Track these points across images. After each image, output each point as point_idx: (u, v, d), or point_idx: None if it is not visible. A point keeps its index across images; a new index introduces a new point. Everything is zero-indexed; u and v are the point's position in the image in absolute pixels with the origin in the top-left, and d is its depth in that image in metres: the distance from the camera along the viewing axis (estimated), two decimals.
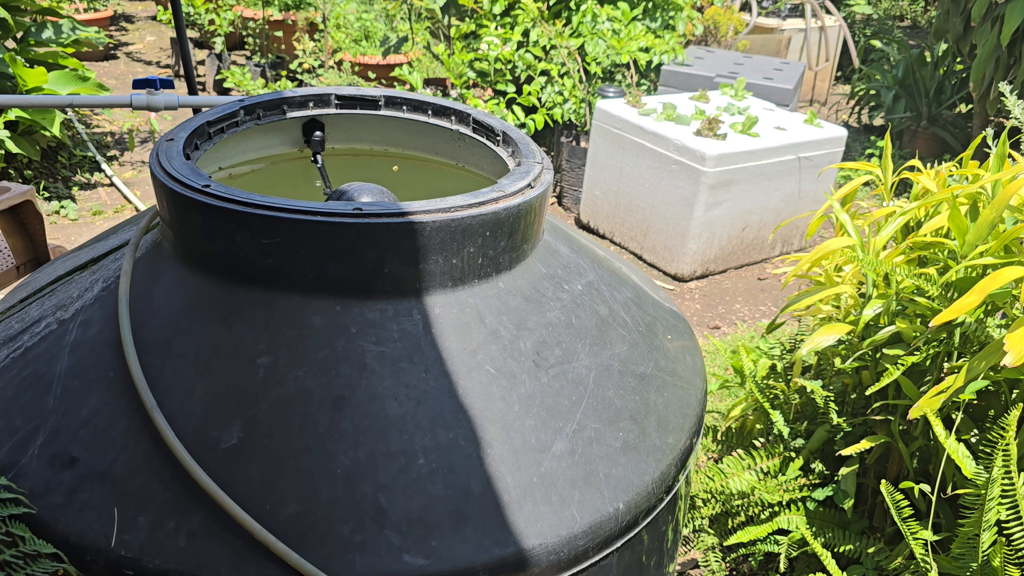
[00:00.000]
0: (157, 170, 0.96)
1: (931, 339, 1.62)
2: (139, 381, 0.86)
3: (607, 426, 0.95)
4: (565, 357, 0.98)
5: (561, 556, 0.85)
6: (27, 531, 0.80)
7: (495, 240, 0.96)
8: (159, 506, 0.80)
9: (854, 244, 1.78)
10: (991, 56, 4.73)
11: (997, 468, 1.37)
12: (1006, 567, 1.38)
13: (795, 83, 4.84)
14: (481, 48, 4.62)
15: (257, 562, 0.78)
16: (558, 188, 4.62)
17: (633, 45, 4.67)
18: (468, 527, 0.82)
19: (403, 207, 0.90)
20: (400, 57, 5.52)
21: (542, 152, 1.13)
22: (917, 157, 2.42)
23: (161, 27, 7.71)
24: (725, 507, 1.93)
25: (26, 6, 4.19)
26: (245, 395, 0.86)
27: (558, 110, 4.47)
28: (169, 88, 2.03)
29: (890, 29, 8.28)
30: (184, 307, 0.94)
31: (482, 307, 0.96)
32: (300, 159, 1.34)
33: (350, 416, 0.85)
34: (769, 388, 1.99)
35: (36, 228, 2.22)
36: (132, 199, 4.19)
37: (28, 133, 4.15)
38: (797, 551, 1.78)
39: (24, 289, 1.14)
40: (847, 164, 2.16)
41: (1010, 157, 1.84)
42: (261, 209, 0.88)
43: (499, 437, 0.88)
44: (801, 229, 4.14)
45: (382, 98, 1.28)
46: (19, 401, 0.90)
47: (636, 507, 0.92)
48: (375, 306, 0.92)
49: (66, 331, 0.96)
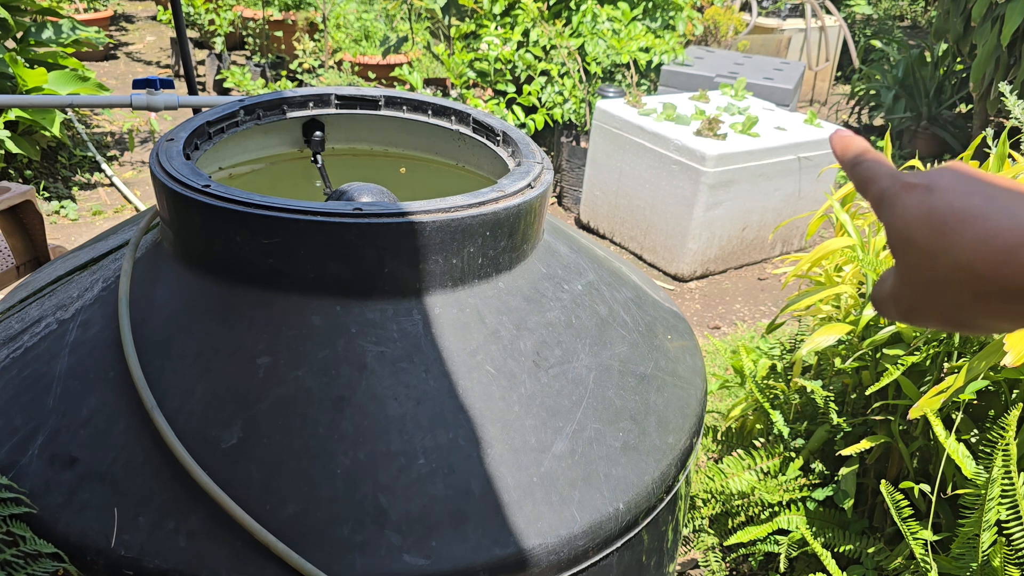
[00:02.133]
0: (157, 170, 0.96)
1: (931, 339, 1.62)
2: (139, 381, 0.86)
3: (607, 426, 0.95)
4: (565, 357, 0.98)
5: (561, 556, 0.85)
6: (28, 531, 0.80)
7: (495, 240, 0.96)
8: (159, 506, 0.80)
9: (854, 244, 1.78)
10: (991, 56, 4.73)
11: (997, 468, 1.37)
12: (1006, 567, 1.38)
13: (795, 83, 4.84)
14: (481, 48, 4.62)
15: (257, 562, 0.78)
16: (558, 188, 4.62)
17: (633, 45, 4.67)
18: (468, 527, 0.82)
19: (403, 207, 0.90)
20: (400, 57, 5.53)
21: (542, 152, 1.13)
22: (917, 157, 2.42)
23: (161, 27, 7.71)
24: (725, 507, 1.93)
25: (26, 6, 4.19)
26: (245, 395, 0.86)
27: (558, 110, 4.47)
28: (169, 88, 2.03)
29: (890, 29, 8.28)
30: (184, 307, 0.94)
31: (482, 307, 0.96)
32: (300, 159, 1.34)
33: (350, 416, 0.85)
34: (769, 388, 1.99)
35: (36, 228, 2.22)
36: (132, 199, 4.19)
37: (28, 133, 4.15)
38: (797, 551, 1.78)
39: (24, 289, 1.14)
40: None
41: (1010, 157, 1.84)
42: (261, 209, 0.88)
43: (499, 437, 0.88)
44: (801, 229, 4.14)
45: (382, 98, 1.28)
46: (19, 401, 0.90)
47: (636, 507, 0.92)
48: (375, 306, 0.92)
49: (66, 331, 0.96)
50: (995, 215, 0.43)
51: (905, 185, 0.48)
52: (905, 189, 0.47)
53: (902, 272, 0.48)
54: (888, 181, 0.49)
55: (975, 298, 0.43)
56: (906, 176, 0.49)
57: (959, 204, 0.44)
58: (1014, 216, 0.42)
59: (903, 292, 0.48)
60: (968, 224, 0.43)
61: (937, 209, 0.45)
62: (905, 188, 0.47)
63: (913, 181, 0.47)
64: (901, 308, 0.49)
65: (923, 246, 0.45)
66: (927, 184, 0.46)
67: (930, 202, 0.45)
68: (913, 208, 0.46)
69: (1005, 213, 0.43)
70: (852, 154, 0.54)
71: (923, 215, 0.45)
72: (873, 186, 0.50)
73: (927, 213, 0.45)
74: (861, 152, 0.54)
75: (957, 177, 0.46)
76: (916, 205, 0.46)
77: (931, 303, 0.46)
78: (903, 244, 0.47)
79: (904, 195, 0.47)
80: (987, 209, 0.43)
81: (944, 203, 0.45)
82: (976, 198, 0.44)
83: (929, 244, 0.45)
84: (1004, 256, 0.41)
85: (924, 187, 0.46)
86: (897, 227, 0.47)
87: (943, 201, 0.45)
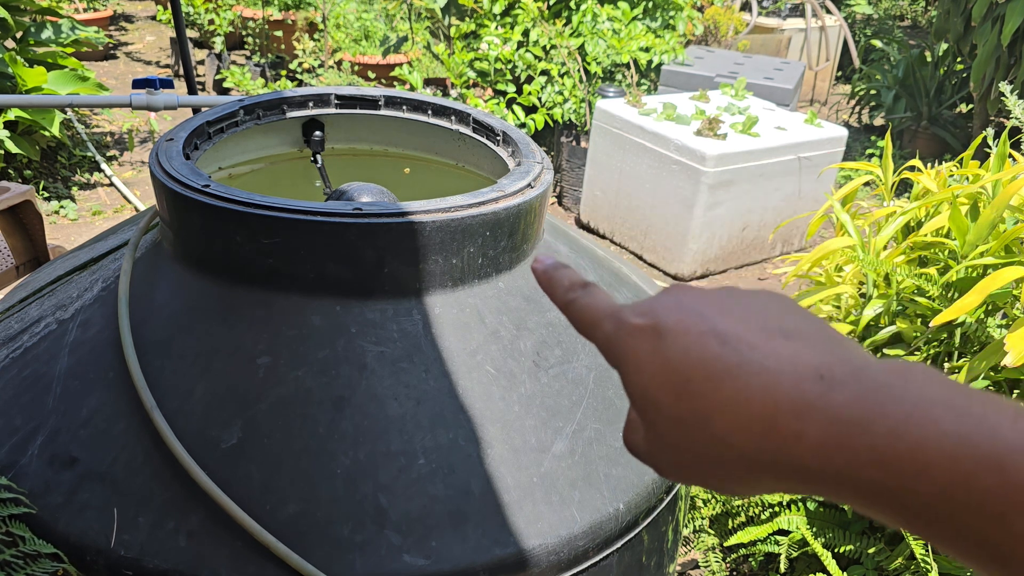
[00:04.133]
0: (157, 170, 0.96)
1: (931, 339, 1.62)
2: (139, 381, 0.86)
3: (607, 426, 0.95)
4: (565, 357, 0.98)
5: (561, 556, 0.85)
6: (27, 531, 0.80)
7: (495, 240, 0.96)
8: (159, 506, 0.80)
9: (854, 244, 1.78)
10: (991, 56, 4.73)
11: None
12: None
13: (795, 83, 4.84)
14: (481, 48, 4.62)
15: (257, 562, 0.78)
16: (558, 188, 4.62)
17: (633, 45, 4.67)
18: (468, 527, 0.82)
19: (403, 207, 0.90)
20: (400, 57, 5.52)
21: (542, 152, 1.13)
22: (917, 157, 2.42)
23: (161, 27, 7.71)
24: (725, 507, 1.93)
25: (26, 6, 4.19)
26: (245, 395, 0.86)
27: (558, 110, 4.47)
28: (169, 88, 2.02)
29: (890, 29, 8.28)
30: (184, 307, 0.93)
31: (482, 307, 0.96)
32: (300, 159, 1.34)
33: (350, 416, 0.85)
34: None
35: (36, 228, 2.22)
36: (132, 199, 4.19)
37: (28, 133, 4.15)
38: (797, 551, 1.78)
39: (24, 289, 1.14)
40: (847, 164, 2.16)
41: (1010, 157, 1.84)
42: (261, 209, 0.87)
43: (499, 437, 0.88)
44: (801, 229, 4.14)
45: (382, 98, 1.28)
46: (19, 401, 0.90)
47: (636, 507, 0.92)
48: (375, 306, 0.92)
49: (66, 331, 0.96)
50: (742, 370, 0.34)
51: (630, 330, 0.38)
52: (631, 335, 0.38)
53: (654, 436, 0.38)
54: (611, 324, 0.39)
55: (747, 472, 0.35)
56: (628, 315, 0.39)
57: (697, 355, 0.35)
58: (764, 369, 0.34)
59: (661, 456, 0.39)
60: (716, 384, 0.34)
61: (673, 363, 0.36)
62: (631, 334, 0.38)
63: (637, 323, 0.38)
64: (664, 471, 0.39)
65: (670, 413, 0.36)
66: (653, 326, 0.37)
67: (663, 353, 0.36)
68: (646, 362, 0.37)
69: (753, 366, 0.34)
70: (560, 290, 0.43)
71: (660, 372, 0.36)
72: (595, 331, 0.41)
73: (662, 368, 0.36)
74: (569, 286, 0.42)
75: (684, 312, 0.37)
76: (648, 358, 0.37)
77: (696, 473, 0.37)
78: (647, 406, 0.37)
79: (631, 343, 0.38)
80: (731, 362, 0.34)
81: (680, 353, 0.36)
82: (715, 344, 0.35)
83: (677, 411, 0.36)
84: (762, 427, 0.33)
85: (651, 331, 0.37)
86: (635, 385, 0.38)
87: (677, 349, 0.36)
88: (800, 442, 0.32)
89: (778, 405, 0.33)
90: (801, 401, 0.32)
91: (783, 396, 0.33)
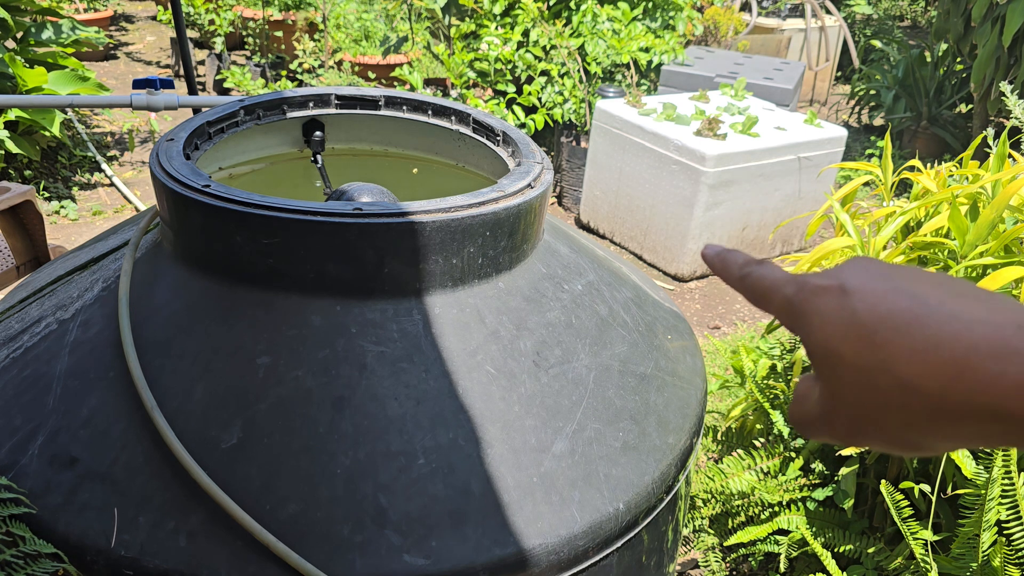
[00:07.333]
0: (157, 170, 0.96)
1: None
2: (139, 381, 0.86)
3: (607, 426, 0.95)
4: (565, 357, 0.98)
5: (561, 556, 0.85)
6: (27, 531, 0.80)
7: (495, 240, 0.96)
8: (159, 506, 0.80)
9: (854, 244, 1.78)
10: (992, 56, 4.73)
11: (997, 468, 1.37)
12: (1006, 567, 1.38)
13: (795, 83, 4.84)
14: (481, 48, 4.62)
15: (257, 562, 0.78)
16: (558, 188, 4.62)
17: (633, 45, 4.67)
18: (468, 527, 0.82)
19: (403, 207, 0.90)
20: (400, 57, 5.53)
21: (542, 152, 1.13)
22: (917, 157, 2.42)
23: (161, 27, 7.71)
24: (725, 507, 1.93)
25: (26, 6, 4.19)
26: (245, 395, 0.86)
27: (558, 110, 4.47)
28: (169, 88, 2.03)
29: (890, 29, 8.28)
30: (184, 307, 0.94)
31: (482, 307, 0.96)
32: (300, 159, 1.34)
33: (350, 416, 0.85)
34: (769, 388, 1.99)
35: (36, 228, 2.22)
36: (132, 199, 4.19)
37: (28, 133, 4.15)
38: (797, 551, 1.78)
39: (24, 289, 1.14)
40: (847, 164, 2.16)
41: (1010, 157, 1.84)
42: (261, 209, 0.88)
43: (499, 437, 0.88)
44: (801, 229, 4.14)
45: (382, 98, 1.28)
46: (19, 401, 0.90)
47: (636, 507, 0.92)
48: (375, 306, 0.92)
49: (66, 331, 0.96)
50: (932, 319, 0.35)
51: (814, 289, 0.40)
52: (815, 294, 0.40)
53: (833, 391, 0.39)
54: (792, 287, 0.42)
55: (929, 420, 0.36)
56: (811, 278, 0.41)
57: (885, 308, 0.37)
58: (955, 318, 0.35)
59: (838, 414, 0.40)
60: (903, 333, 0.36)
61: (861, 316, 0.37)
62: (815, 293, 0.40)
63: (822, 283, 0.40)
64: (838, 432, 0.41)
65: (854, 362, 0.37)
66: (840, 285, 0.39)
67: (851, 307, 0.38)
68: (832, 317, 0.39)
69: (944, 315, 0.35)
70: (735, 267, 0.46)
71: (845, 324, 0.38)
72: (775, 295, 0.43)
73: (849, 322, 0.38)
74: (743, 263, 0.46)
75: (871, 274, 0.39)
76: (834, 313, 0.38)
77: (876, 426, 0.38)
78: (829, 360, 0.39)
79: (816, 302, 0.40)
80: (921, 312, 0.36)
81: (867, 307, 0.37)
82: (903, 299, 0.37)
83: (861, 360, 0.37)
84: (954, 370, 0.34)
85: (837, 289, 0.39)
86: (817, 341, 0.39)
87: (865, 305, 0.37)
88: (998, 382, 0.33)
89: (975, 348, 0.34)
90: (1001, 344, 0.33)
91: (980, 340, 0.34)
